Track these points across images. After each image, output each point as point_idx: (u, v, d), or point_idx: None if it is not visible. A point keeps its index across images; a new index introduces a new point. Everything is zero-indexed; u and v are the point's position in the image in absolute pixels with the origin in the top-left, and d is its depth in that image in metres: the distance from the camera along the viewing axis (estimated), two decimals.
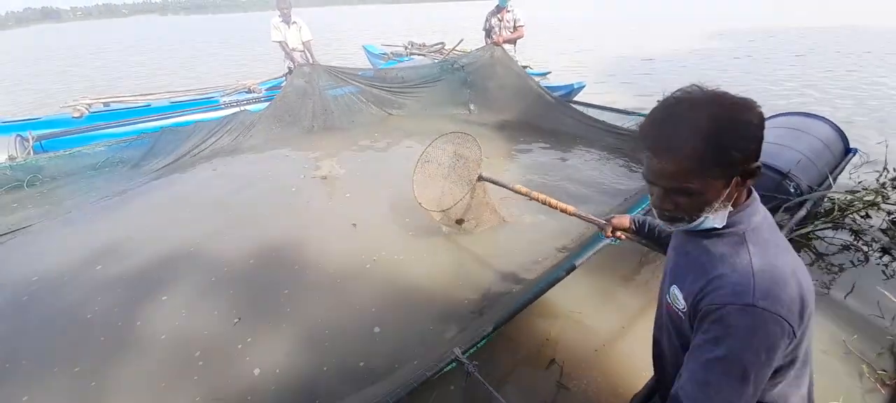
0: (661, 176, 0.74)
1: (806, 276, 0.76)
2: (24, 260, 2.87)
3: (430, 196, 2.77)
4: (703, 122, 0.68)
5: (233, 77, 8.46)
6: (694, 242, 0.83)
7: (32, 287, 2.57)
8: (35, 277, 2.65)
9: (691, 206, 0.75)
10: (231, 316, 2.25)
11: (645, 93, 6.91)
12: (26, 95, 9.41)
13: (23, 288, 2.55)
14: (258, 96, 5.44)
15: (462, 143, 2.77)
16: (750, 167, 0.72)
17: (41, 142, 4.40)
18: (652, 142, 0.74)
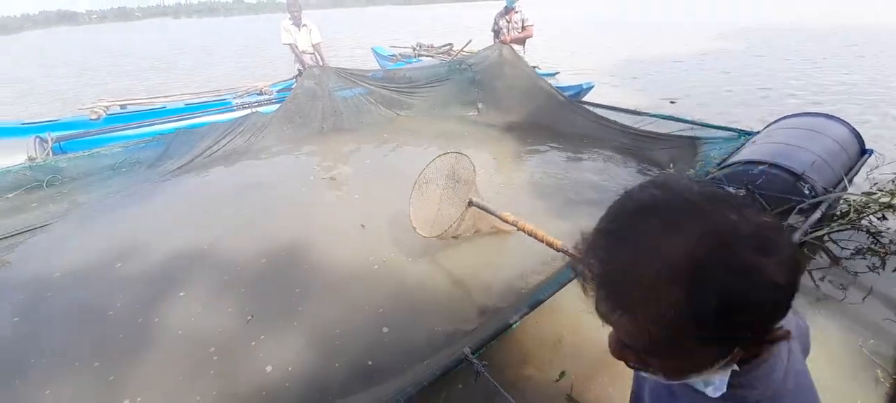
0: (615, 326, 0.48)
1: None
2: (46, 257, 2.95)
3: (424, 218, 2.67)
4: (681, 265, 0.40)
5: (245, 79, 8.57)
6: (684, 388, 0.54)
7: (55, 283, 2.65)
8: (57, 273, 2.73)
9: (668, 369, 0.49)
10: (244, 314, 2.29)
11: (655, 93, 6.85)
12: (45, 98, 9.65)
13: (45, 285, 2.63)
14: (269, 98, 5.51)
15: (457, 163, 2.70)
16: (764, 331, 0.44)
17: (60, 144, 4.51)
18: (598, 277, 0.46)
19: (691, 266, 0.40)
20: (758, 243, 0.40)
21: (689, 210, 0.42)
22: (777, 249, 0.40)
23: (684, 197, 0.43)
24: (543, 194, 3.39)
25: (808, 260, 2.48)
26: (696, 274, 0.39)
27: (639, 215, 0.44)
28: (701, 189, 0.44)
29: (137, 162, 4.39)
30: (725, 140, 3.40)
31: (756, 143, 2.87)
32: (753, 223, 0.41)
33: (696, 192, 0.44)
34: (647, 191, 0.46)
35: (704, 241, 0.40)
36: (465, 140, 4.69)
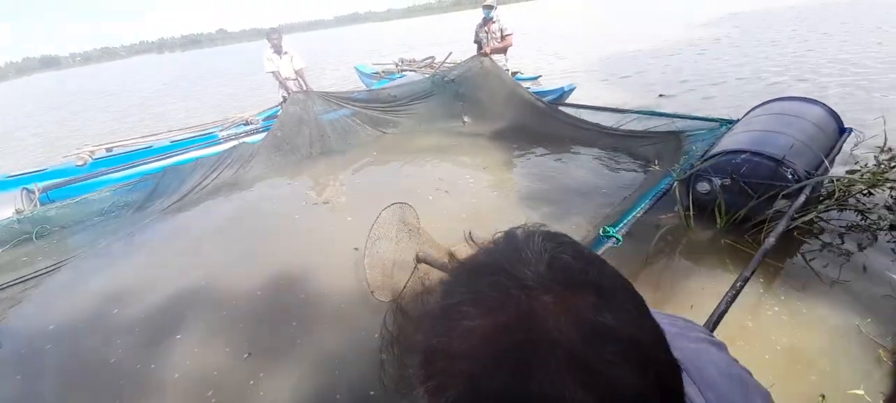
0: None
1: None
2: (41, 309, 2.92)
3: (381, 279, 2.38)
4: None
5: (233, 108, 8.58)
6: None
7: (51, 335, 2.61)
8: (52, 326, 2.70)
9: None
10: (241, 352, 2.27)
11: (638, 90, 6.93)
12: (31, 147, 9.60)
13: (42, 337, 2.60)
14: (256, 127, 5.52)
15: (404, 213, 2.50)
16: None
17: (47, 193, 4.48)
18: None
19: None
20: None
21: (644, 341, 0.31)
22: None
23: (638, 331, 0.31)
24: (535, 199, 3.41)
25: (798, 242, 2.50)
26: None
27: (595, 353, 0.30)
28: (648, 325, 0.33)
29: (126, 204, 4.37)
30: (708, 131, 3.44)
31: (736, 132, 2.90)
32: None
33: (647, 332, 0.32)
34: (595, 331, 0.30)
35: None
36: (454, 151, 4.71)
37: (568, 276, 0.32)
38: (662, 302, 2.20)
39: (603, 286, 0.32)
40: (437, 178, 3.99)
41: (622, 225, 2.27)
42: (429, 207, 3.49)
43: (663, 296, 2.25)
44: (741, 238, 2.53)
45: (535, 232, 0.37)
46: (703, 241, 2.64)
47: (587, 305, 0.30)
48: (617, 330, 0.29)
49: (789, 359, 1.81)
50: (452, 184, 3.85)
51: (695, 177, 2.73)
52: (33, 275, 3.32)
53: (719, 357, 0.50)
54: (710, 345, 0.52)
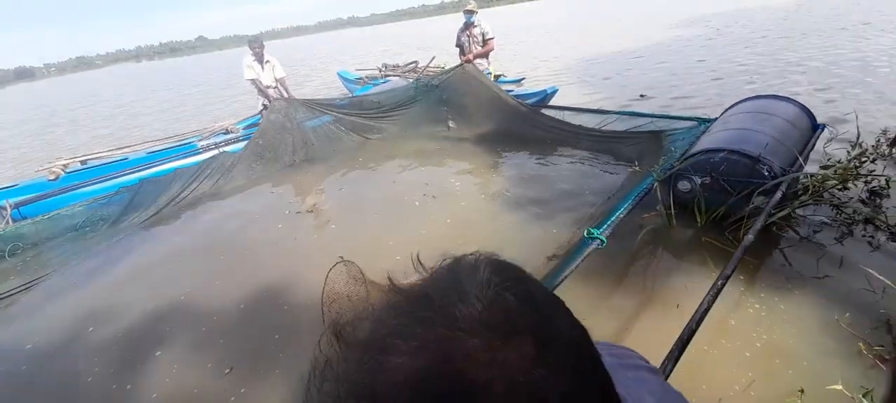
0: None
1: None
2: (15, 329, 2.81)
3: None
4: None
5: (213, 117, 8.41)
6: None
7: (27, 355, 2.52)
8: (29, 345, 2.60)
9: None
10: (223, 367, 2.20)
11: (619, 90, 7.04)
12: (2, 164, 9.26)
13: (17, 358, 2.50)
14: (236, 136, 5.41)
15: (349, 270, 2.41)
16: None
17: (18, 209, 4.31)
18: None
19: None
20: None
21: None
22: None
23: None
24: (521, 202, 3.41)
25: (777, 239, 2.55)
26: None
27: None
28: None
29: (101, 218, 4.23)
30: (687, 130, 3.50)
31: (714, 131, 2.96)
32: None
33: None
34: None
35: None
36: (439, 156, 4.70)
37: (506, 320, 0.29)
38: (647, 303, 2.21)
39: (545, 335, 0.29)
40: (423, 183, 3.96)
41: (606, 227, 2.28)
42: (416, 213, 3.47)
43: (647, 297, 2.26)
44: (722, 235, 2.57)
45: (482, 264, 0.33)
46: (685, 239, 2.67)
47: (521, 357, 0.27)
48: (549, 390, 0.27)
49: (769, 355, 1.83)
50: (439, 189, 3.83)
51: (675, 177, 2.77)
52: (6, 294, 3.18)
53: (657, 385, 0.50)
54: (647, 373, 0.52)
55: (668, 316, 2.07)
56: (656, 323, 2.07)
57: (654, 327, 2.05)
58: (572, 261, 2.12)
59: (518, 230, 3.06)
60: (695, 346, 1.83)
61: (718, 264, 2.35)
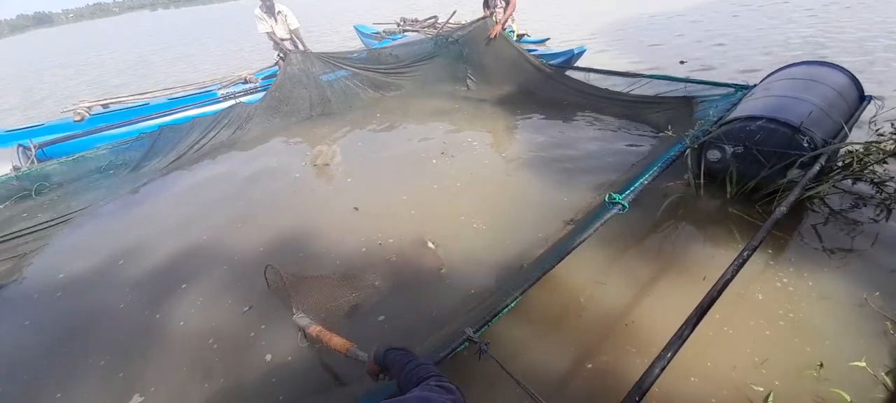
0: None
1: None
2: (49, 261, 2.96)
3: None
4: None
5: (233, 68, 8.33)
6: None
7: (61, 284, 2.67)
8: (61, 275, 2.75)
9: None
10: (242, 305, 2.27)
11: (651, 54, 6.69)
12: (29, 103, 9.44)
13: (55, 285, 2.65)
14: (254, 86, 5.36)
15: (272, 275, 2.30)
16: None
17: (43, 150, 4.41)
18: None
19: None
20: None
21: None
22: None
23: None
24: (541, 166, 3.33)
25: (809, 213, 2.44)
26: None
27: None
28: None
29: (124, 163, 4.31)
30: (723, 97, 3.31)
31: (754, 98, 2.79)
32: None
33: None
34: None
35: None
36: (458, 115, 4.59)
37: None
38: (667, 270, 2.17)
39: None
40: (440, 142, 3.90)
41: (629, 192, 2.21)
42: (432, 171, 3.43)
43: (667, 264, 2.22)
44: (751, 208, 2.48)
45: None
46: (712, 210, 2.58)
47: None
48: None
49: (792, 331, 1.79)
50: (456, 148, 3.76)
51: (705, 145, 2.64)
52: (36, 228, 3.31)
53: None
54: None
55: (688, 284, 2.04)
56: (675, 290, 2.04)
57: (673, 294, 2.02)
58: (591, 225, 2.07)
59: (536, 193, 3.01)
60: (715, 315, 1.81)
61: (745, 237, 2.28)
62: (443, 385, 0.89)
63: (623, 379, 1.62)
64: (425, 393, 0.82)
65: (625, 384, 1.39)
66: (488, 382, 1.69)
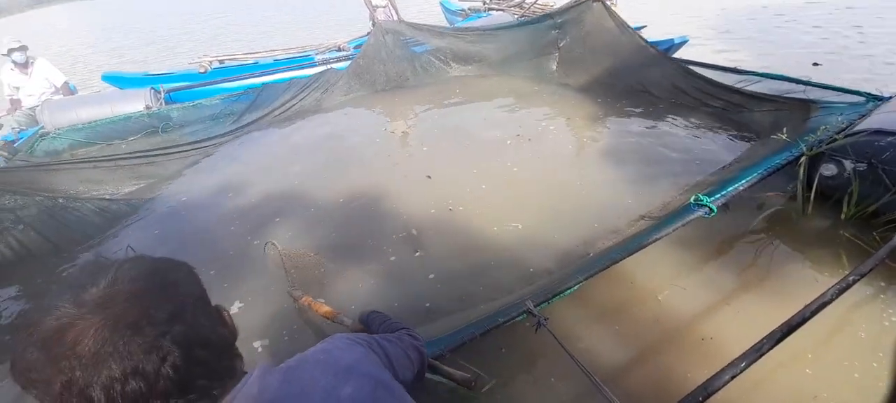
0: None
1: None
2: (171, 185, 3.50)
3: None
4: None
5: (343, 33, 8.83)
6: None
7: (184, 205, 3.19)
8: (183, 197, 3.28)
9: None
10: (319, 243, 2.55)
11: (766, 50, 5.94)
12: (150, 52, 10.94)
13: (177, 205, 3.18)
14: (346, 54, 5.71)
15: (272, 250, 2.37)
16: None
17: (170, 94, 5.13)
18: None
19: None
20: None
21: None
22: None
23: None
24: (620, 160, 3.17)
25: None
26: None
27: None
28: None
29: (231, 113, 4.86)
30: (850, 106, 2.88)
31: (887, 111, 2.41)
32: None
33: None
34: None
35: None
36: (538, 98, 4.49)
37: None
38: (751, 285, 2.01)
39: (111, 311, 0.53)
40: (516, 124, 3.87)
41: (720, 196, 2.05)
42: (505, 151, 3.42)
43: (753, 279, 2.05)
44: (867, 234, 2.17)
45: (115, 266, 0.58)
46: (818, 231, 2.31)
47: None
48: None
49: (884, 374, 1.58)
50: (533, 132, 3.71)
51: (822, 157, 2.34)
52: (164, 153, 3.89)
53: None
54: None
55: (776, 305, 1.85)
56: (759, 308, 1.88)
57: (756, 311, 1.87)
58: (670, 224, 1.97)
59: (610, 184, 2.90)
60: (803, 339, 1.65)
61: (854, 264, 2.01)
62: (411, 334, 1.04)
63: (684, 382, 1.57)
64: (397, 334, 0.98)
65: (685, 386, 1.35)
66: (542, 355, 1.73)
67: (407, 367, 0.88)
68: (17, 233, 2.83)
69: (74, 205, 3.09)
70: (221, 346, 0.63)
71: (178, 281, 0.62)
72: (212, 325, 0.63)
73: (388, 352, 0.82)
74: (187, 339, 0.56)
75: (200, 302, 0.63)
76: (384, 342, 0.85)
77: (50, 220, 2.93)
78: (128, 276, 0.56)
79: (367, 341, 0.79)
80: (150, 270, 0.60)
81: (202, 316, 0.62)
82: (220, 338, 0.63)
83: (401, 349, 0.89)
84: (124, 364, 0.50)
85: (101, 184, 3.37)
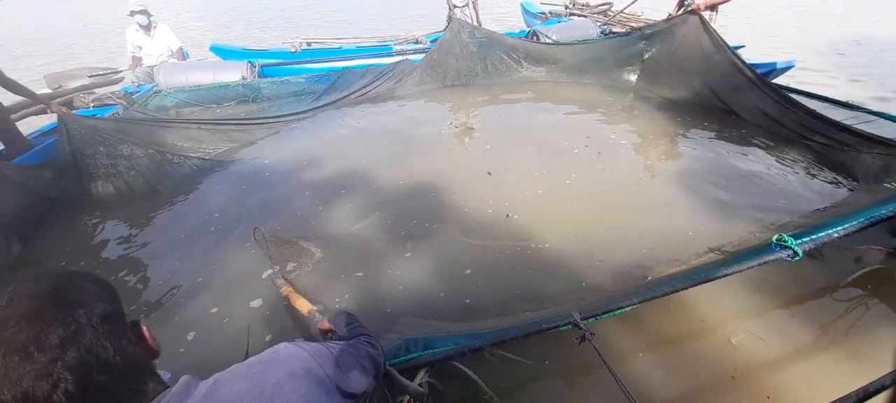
0: None
1: None
2: (258, 151, 3.86)
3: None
4: None
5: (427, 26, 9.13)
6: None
7: (268, 167, 3.53)
8: (267, 160, 3.63)
9: None
10: (380, 225, 2.69)
11: (882, 85, 5.19)
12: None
13: (261, 168, 3.51)
14: (423, 47, 5.88)
15: (259, 234, 2.45)
16: None
17: (262, 69, 5.63)
18: None
19: None
20: None
21: None
22: None
23: None
24: (694, 186, 2.96)
25: None
26: None
27: None
28: None
29: (312, 92, 5.22)
30: None
31: None
32: None
33: None
34: None
35: None
36: (613, 110, 4.32)
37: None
38: (837, 345, 1.80)
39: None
40: (584, 135, 3.75)
41: (808, 240, 1.85)
42: (571, 161, 3.33)
43: (839, 338, 1.84)
44: None
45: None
46: None
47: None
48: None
49: None
50: (602, 145, 3.57)
51: None
52: (255, 122, 4.28)
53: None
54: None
55: (860, 371, 1.66)
56: (840, 370, 1.69)
57: (835, 373, 1.68)
58: (744, 261, 1.82)
59: (679, 210, 2.72)
60: None
61: None
62: (371, 342, 1.07)
63: None
64: (353, 342, 1.00)
65: None
66: (582, 369, 1.70)
67: (358, 375, 0.87)
68: (128, 178, 3.32)
69: (178, 160, 3.53)
70: (128, 369, 0.60)
71: (79, 302, 0.58)
72: (117, 347, 0.59)
73: (339, 361, 0.82)
74: (83, 365, 0.54)
75: (106, 323, 0.59)
76: (336, 350, 0.85)
77: (156, 171, 3.41)
78: (25, 295, 0.55)
79: (314, 352, 0.78)
80: (51, 289, 0.57)
81: (107, 337, 0.58)
82: (128, 361, 0.60)
83: (354, 357, 0.89)
84: (14, 390, 0.50)
85: (201, 143, 3.80)
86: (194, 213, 2.98)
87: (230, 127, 4.06)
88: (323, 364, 0.76)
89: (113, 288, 0.65)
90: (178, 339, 1.98)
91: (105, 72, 4.90)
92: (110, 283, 0.65)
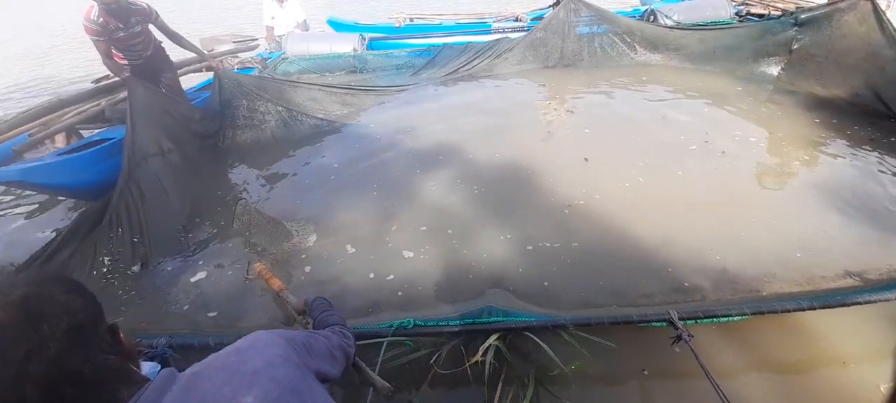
0: None
1: None
2: (366, 117, 4.21)
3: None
4: None
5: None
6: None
7: (371, 133, 3.82)
8: (371, 125, 3.97)
9: None
10: (469, 200, 2.76)
11: None
12: None
13: (366, 133, 3.82)
14: (523, 25, 5.74)
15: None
16: None
17: (370, 42, 6.00)
18: None
19: None
20: None
21: None
22: None
23: None
24: (835, 201, 2.51)
25: None
26: None
27: None
28: None
29: (412, 66, 5.43)
30: None
31: None
32: None
33: None
34: None
35: None
36: (741, 103, 3.81)
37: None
38: None
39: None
40: (706, 129, 3.35)
41: None
42: (686, 160, 3.01)
43: None
44: None
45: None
46: None
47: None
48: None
49: None
50: (725, 140, 3.19)
51: None
52: (365, 89, 4.67)
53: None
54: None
55: None
56: None
57: None
58: (890, 290, 1.56)
59: (814, 227, 2.33)
60: None
61: None
62: (343, 332, 1.07)
63: None
64: (326, 332, 1.01)
65: None
66: (674, 370, 1.61)
67: (330, 365, 0.88)
68: (261, 130, 3.86)
69: (300, 119, 4.01)
70: (99, 379, 0.59)
71: (47, 314, 0.56)
72: (86, 357, 0.58)
73: (313, 349, 0.83)
74: (48, 378, 0.53)
75: (75, 334, 0.58)
76: (311, 338, 0.86)
77: (282, 126, 3.92)
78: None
79: (290, 338, 0.78)
80: (19, 301, 0.56)
81: (76, 347, 0.57)
82: (98, 370, 0.59)
83: (327, 347, 0.90)
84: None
85: (320, 104, 4.26)
86: (311, 166, 3.39)
87: (344, 92, 4.47)
88: (298, 351, 0.77)
89: (87, 293, 0.64)
90: (298, 270, 2.32)
91: (246, 39, 5.64)
92: (85, 289, 0.64)
